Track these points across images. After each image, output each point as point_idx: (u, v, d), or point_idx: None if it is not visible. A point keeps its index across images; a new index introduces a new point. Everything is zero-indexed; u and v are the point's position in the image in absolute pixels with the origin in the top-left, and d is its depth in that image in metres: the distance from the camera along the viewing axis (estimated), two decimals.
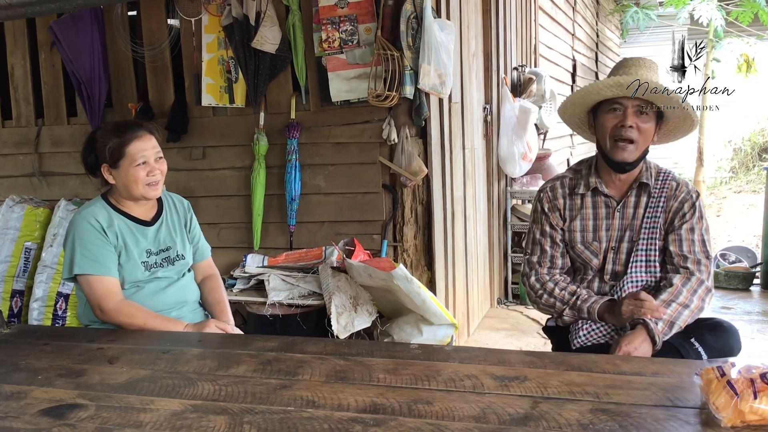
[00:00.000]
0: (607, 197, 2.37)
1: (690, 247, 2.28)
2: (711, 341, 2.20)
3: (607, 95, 2.25)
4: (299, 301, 3.44)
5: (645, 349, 2.11)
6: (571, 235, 2.40)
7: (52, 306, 3.95)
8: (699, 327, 2.25)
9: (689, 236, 2.29)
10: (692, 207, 2.31)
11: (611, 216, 2.36)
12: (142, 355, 1.94)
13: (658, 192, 2.33)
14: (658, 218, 2.31)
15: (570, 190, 2.43)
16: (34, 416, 1.48)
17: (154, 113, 4.09)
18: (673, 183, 2.35)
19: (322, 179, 3.84)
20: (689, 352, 2.16)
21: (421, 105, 3.55)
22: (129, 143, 2.32)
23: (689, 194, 2.33)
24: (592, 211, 2.39)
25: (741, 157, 12.23)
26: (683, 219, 2.30)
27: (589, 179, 2.38)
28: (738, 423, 1.28)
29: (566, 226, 2.41)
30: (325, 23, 3.59)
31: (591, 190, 2.38)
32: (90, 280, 2.30)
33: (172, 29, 4.05)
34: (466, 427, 1.34)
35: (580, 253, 2.39)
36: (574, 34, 8.31)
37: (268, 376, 1.68)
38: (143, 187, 2.35)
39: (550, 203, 2.44)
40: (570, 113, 2.45)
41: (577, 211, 2.40)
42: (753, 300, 5.68)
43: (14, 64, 4.47)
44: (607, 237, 2.36)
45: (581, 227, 2.39)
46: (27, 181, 4.48)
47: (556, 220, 2.42)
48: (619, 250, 2.35)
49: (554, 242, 2.42)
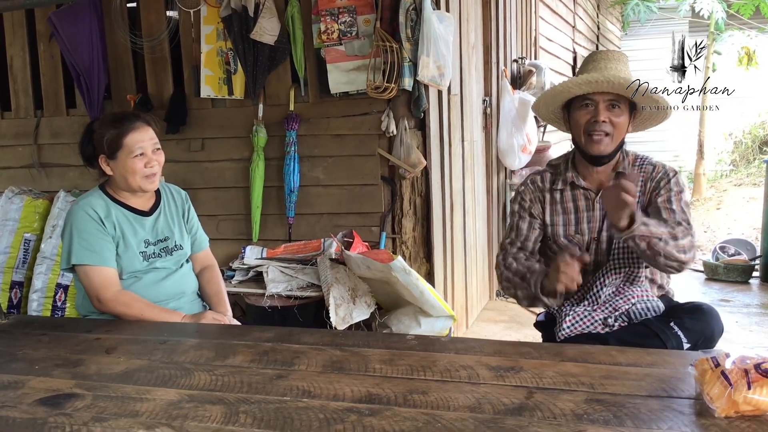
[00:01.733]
0: (586, 190, 2.37)
1: (669, 215, 2.24)
2: (690, 325, 2.19)
3: (578, 93, 2.26)
4: (298, 293, 3.45)
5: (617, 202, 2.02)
6: (554, 229, 2.40)
7: (52, 297, 3.95)
8: (678, 311, 2.25)
9: (667, 205, 2.26)
10: (667, 182, 2.29)
11: (591, 208, 2.36)
12: (139, 346, 1.95)
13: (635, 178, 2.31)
14: (637, 203, 2.27)
15: (550, 185, 2.43)
16: (31, 405, 1.49)
17: (153, 105, 4.09)
18: (650, 167, 2.34)
19: (321, 171, 3.83)
20: (669, 338, 2.15)
21: (420, 97, 3.55)
22: (126, 134, 2.32)
23: (666, 173, 2.31)
24: (573, 204, 2.39)
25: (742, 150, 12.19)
26: (659, 194, 2.28)
27: (566, 174, 2.39)
28: (732, 413, 1.28)
29: (549, 219, 2.41)
30: (324, 14, 3.59)
31: (569, 184, 2.38)
32: (87, 270, 2.30)
33: (171, 20, 4.04)
34: (460, 417, 1.34)
35: (564, 246, 2.37)
36: (575, 26, 8.28)
37: (264, 367, 1.69)
38: (141, 179, 2.35)
39: (532, 194, 2.45)
40: (543, 111, 2.47)
41: (558, 204, 2.40)
42: (752, 293, 5.68)
43: (13, 55, 4.46)
44: (589, 229, 2.36)
45: (563, 221, 2.39)
46: (26, 172, 4.48)
47: (537, 210, 2.43)
48: (600, 240, 2.34)
49: (531, 227, 2.43)
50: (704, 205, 9.72)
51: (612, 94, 2.22)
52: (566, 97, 2.32)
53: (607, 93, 2.22)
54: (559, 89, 2.32)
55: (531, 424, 1.30)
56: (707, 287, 5.87)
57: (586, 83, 2.22)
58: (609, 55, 2.35)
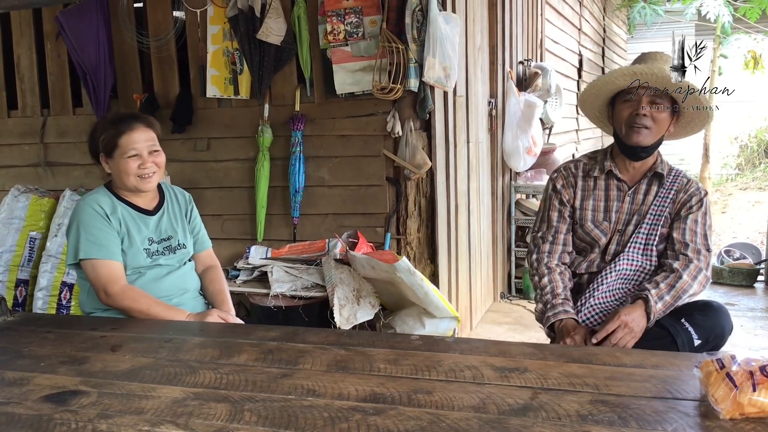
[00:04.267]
0: (620, 181, 2.45)
1: (692, 237, 2.34)
2: (701, 321, 2.26)
3: (620, 84, 2.33)
4: (302, 293, 3.45)
5: (640, 322, 2.19)
6: (582, 213, 2.48)
7: (57, 295, 3.96)
8: (689, 308, 2.31)
9: (693, 227, 2.35)
10: (699, 202, 2.38)
11: (622, 199, 2.44)
12: (144, 344, 1.95)
13: (670, 184, 2.41)
14: (666, 207, 2.39)
15: (584, 173, 2.51)
16: (37, 402, 1.49)
17: (159, 104, 4.10)
18: (684, 179, 2.43)
19: (326, 171, 3.84)
20: (680, 333, 2.22)
21: (425, 98, 3.55)
22: (121, 135, 2.36)
23: (699, 190, 2.41)
24: (605, 192, 2.47)
25: (747, 153, 12.17)
26: (690, 210, 2.37)
27: (604, 163, 2.46)
28: (737, 415, 1.28)
29: (578, 204, 2.49)
30: (331, 15, 3.59)
31: (605, 173, 2.46)
32: (95, 264, 2.32)
33: (178, 20, 4.06)
34: (465, 417, 1.34)
35: (590, 231, 2.46)
36: (581, 28, 8.27)
37: (269, 365, 1.69)
38: (135, 179, 2.38)
39: (564, 180, 2.53)
40: (590, 106, 2.53)
41: (590, 191, 2.48)
42: (757, 296, 5.66)
43: (20, 54, 4.49)
44: (616, 218, 2.44)
45: (593, 207, 2.47)
46: (32, 171, 4.49)
47: (569, 196, 2.50)
48: (625, 232, 2.43)
49: (562, 216, 2.50)
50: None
51: (656, 90, 2.29)
52: (612, 90, 2.39)
53: (650, 89, 2.29)
54: (604, 80, 2.39)
55: (535, 424, 1.30)
56: (712, 291, 5.85)
57: (631, 74, 2.29)
58: (657, 55, 2.41)
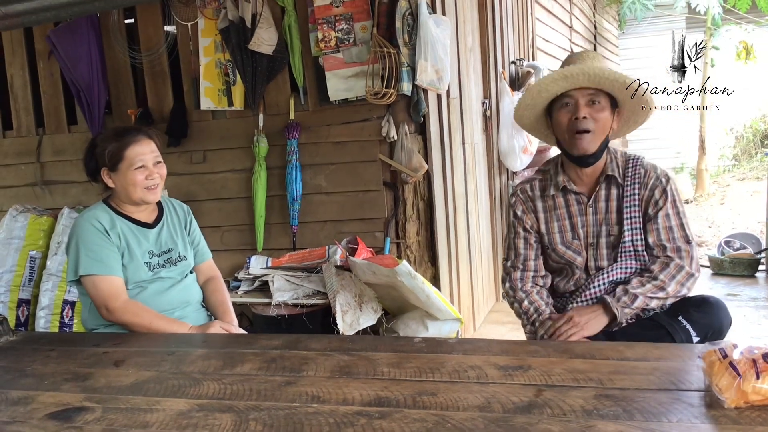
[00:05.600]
0: (577, 194, 2.35)
1: (668, 234, 2.27)
2: (698, 318, 2.20)
3: (554, 90, 2.24)
4: (304, 301, 3.45)
5: (591, 322, 2.18)
6: (551, 237, 2.39)
7: (59, 314, 3.96)
8: (685, 305, 2.26)
9: (666, 223, 2.27)
10: (663, 192, 2.28)
11: (584, 212, 2.35)
12: (147, 358, 1.95)
13: (630, 180, 2.31)
14: (636, 206, 2.30)
15: (541, 192, 2.42)
16: (42, 420, 1.49)
17: (154, 118, 4.11)
18: (641, 170, 2.32)
19: (323, 179, 3.84)
20: (678, 331, 2.17)
21: (419, 101, 3.55)
22: (127, 147, 2.36)
23: (658, 180, 2.30)
24: (566, 210, 2.38)
25: (743, 144, 12.18)
26: (657, 206, 2.28)
27: (557, 179, 2.37)
28: (741, 404, 1.28)
29: (543, 228, 2.40)
30: (321, 23, 3.60)
31: (560, 189, 2.37)
32: (96, 280, 2.32)
33: (169, 35, 4.06)
34: (470, 417, 1.34)
35: (563, 253, 2.38)
36: (572, 26, 8.30)
37: (272, 374, 1.69)
38: (141, 191, 2.37)
39: (524, 205, 2.44)
40: (527, 120, 2.43)
41: (552, 212, 2.39)
42: (758, 286, 5.67)
43: (13, 74, 4.49)
44: (584, 233, 2.35)
45: (559, 228, 2.38)
46: (30, 190, 4.49)
47: (531, 221, 2.42)
48: (598, 245, 2.33)
49: (528, 243, 2.42)
50: (708, 200, 9.70)
51: (590, 89, 2.21)
52: (546, 99, 2.30)
53: (586, 89, 2.21)
54: (535, 89, 2.29)
55: (541, 421, 1.30)
56: (714, 282, 5.85)
57: (562, 78, 2.20)
58: (584, 54, 2.36)
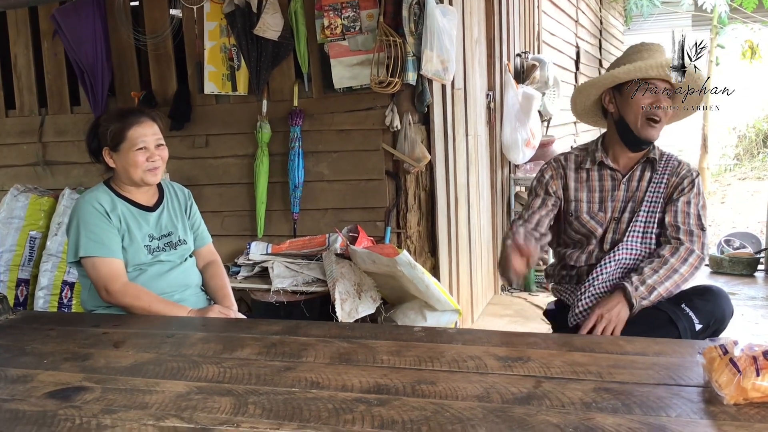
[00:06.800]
0: (613, 170, 2.45)
1: (684, 218, 2.35)
2: (701, 306, 2.25)
3: (651, 75, 2.31)
4: (303, 288, 3.45)
5: (618, 311, 2.21)
6: (578, 205, 2.47)
7: (58, 294, 3.97)
8: (688, 293, 2.31)
9: (685, 209, 2.36)
10: (691, 183, 2.39)
11: (617, 188, 2.44)
12: (147, 339, 1.95)
13: (662, 169, 2.42)
14: (661, 193, 2.40)
15: (576, 165, 2.51)
16: (41, 399, 1.49)
17: (157, 101, 4.10)
18: (675, 162, 2.45)
19: (326, 166, 3.84)
20: (680, 318, 2.21)
21: (423, 91, 3.54)
22: (130, 128, 2.36)
23: (690, 172, 2.43)
24: (599, 183, 2.47)
25: (746, 143, 12.18)
26: (681, 192, 2.38)
27: (595, 155, 2.46)
28: (741, 400, 1.28)
29: (572, 196, 2.48)
30: (327, 10, 3.59)
31: (597, 164, 2.46)
32: (96, 262, 2.32)
33: (174, 17, 4.05)
34: (469, 407, 1.34)
35: (586, 222, 2.45)
36: (578, 20, 8.26)
37: (272, 359, 1.69)
38: (142, 172, 2.38)
39: (554, 171, 2.51)
40: (584, 97, 2.50)
41: (583, 183, 2.48)
42: (757, 285, 5.68)
43: (17, 53, 4.48)
44: (612, 208, 2.44)
45: (588, 198, 2.47)
46: (31, 170, 4.49)
47: (555, 187, 2.50)
48: (621, 220, 2.43)
49: (544, 204, 2.49)
50: (709, 199, 9.65)
51: (668, 83, 2.30)
52: (613, 83, 2.37)
53: (666, 82, 2.30)
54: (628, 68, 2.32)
55: (539, 412, 1.30)
56: (712, 280, 5.85)
57: (660, 66, 2.28)
58: (656, 47, 2.39)
